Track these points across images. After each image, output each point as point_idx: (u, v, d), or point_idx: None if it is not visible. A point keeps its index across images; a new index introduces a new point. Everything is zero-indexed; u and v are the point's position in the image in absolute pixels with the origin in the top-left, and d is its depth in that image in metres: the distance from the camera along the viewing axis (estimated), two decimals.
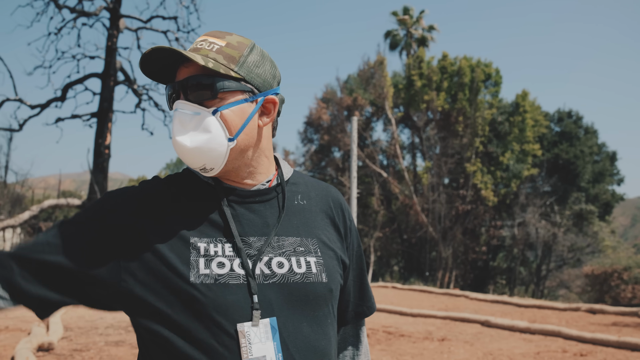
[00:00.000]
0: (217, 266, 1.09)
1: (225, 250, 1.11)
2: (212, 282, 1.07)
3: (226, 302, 1.06)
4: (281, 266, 1.14)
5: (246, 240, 1.14)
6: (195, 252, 1.09)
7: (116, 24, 21.62)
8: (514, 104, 26.18)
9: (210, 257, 1.10)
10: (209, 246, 1.11)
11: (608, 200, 28.38)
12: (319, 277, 1.18)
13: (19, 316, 10.18)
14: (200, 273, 1.07)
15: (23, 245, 1.08)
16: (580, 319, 11.08)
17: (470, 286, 25.46)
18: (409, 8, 32.90)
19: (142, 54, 1.11)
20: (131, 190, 1.16)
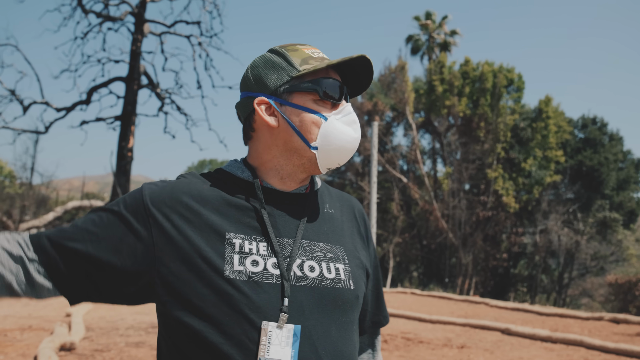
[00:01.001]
0: (252, 264, 1.12)
1: (259, 249, 1.14)
2: (245, 279, 1.10)
3: (258, 300, 1.09)
4: (312, 270, 1.17)
5: (280, 242, 1.17)
6: (230, 248, 1.12)
7: (141, 29, 21.93)
8: (537, 110, 25.88)
9: (245, 254, 1.13)
10: (244, 243, 1.14)
11: (633, 208, 27.86)
12: (347, 283, 1.22)
13: (42, 316, 10.36)
14: (234, 269, 1.10)
15: (61, 231, 1.11)
16: (603, 328, 10.89)
17: (491, 293, 25.18)
18: (432, 13, 32.79)
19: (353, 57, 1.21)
20: (169, 183, 1.19)
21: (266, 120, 1.20)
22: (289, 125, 1.20)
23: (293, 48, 1.24)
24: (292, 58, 1.22)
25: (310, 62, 1.22)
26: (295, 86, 1.20)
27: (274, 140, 1.22)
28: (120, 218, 1.13)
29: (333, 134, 1.20)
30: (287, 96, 1.21)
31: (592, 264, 25.54)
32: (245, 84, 1.26)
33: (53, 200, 29.20)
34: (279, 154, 1.23)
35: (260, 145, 1.25)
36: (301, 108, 1.20)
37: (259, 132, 1.24)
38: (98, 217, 1.14)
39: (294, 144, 1.21)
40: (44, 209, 24.67)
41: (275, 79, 1.21)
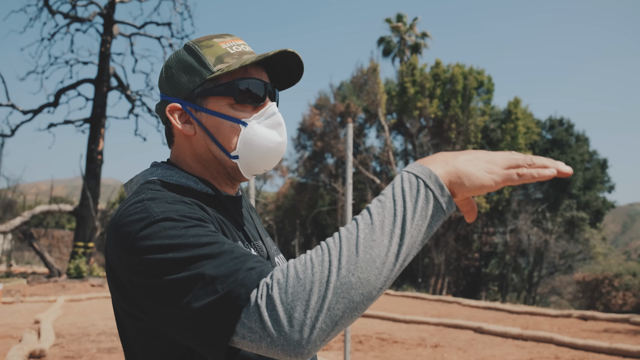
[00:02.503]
0: None
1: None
2: None
3: None
4: (279, 265, 1.21)
5: (258, 244, 1.17)
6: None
7: (110, 30, 21.59)
8: (506, 112, 26.34)
9: None
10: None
11: (599, 208, 28.55)
12: None
13: (10, 323, 10.10)
14: None
15: (230, 249, 0.91)
16: (572, 325, 11.14)
17: (463, 293, 25.50)
18: (403, 15, 33.10)
19: (278, 52, 1.09)
20: (182, 199, 1.03)
21: (180, 129, 1.11)
22: (206, 134, 1.11)
23: (208, 44, 1.12)
24: (206, 56, 1.10)
25: (226, 59, 1.10)
26: (209, 90, 1.09)
27: (195, 150, 1.13)
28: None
29: (254, 140, 1.10)
30: (202, 101, 1.10)
31: (561, 263, 26.09)
32: (160, 85, 1.15)
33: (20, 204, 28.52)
34: (206, 163, 1.14)
35: (186, 154, 1.15)
36: (216, 114, 1.10)
37: (178, 140, 1.15)
38: (216, 235, 0.95)
39: (214, 153, 1.12)
40: (10, 213, 24.08)
41: (187, 81, 1.10)
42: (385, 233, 0.83)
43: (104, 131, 21.32)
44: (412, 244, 0.85)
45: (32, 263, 29.73)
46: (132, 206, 0.96)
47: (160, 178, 1.10)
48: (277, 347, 0.80)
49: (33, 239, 19.95)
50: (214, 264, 0.85)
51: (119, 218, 0.96)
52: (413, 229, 0.85)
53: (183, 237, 0.89)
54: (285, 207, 30.38)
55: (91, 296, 14.88)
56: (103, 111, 21.30)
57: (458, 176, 0.89)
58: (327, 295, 0.79)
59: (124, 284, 0.93)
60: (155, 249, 0.88)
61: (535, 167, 0.90)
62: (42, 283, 17.39)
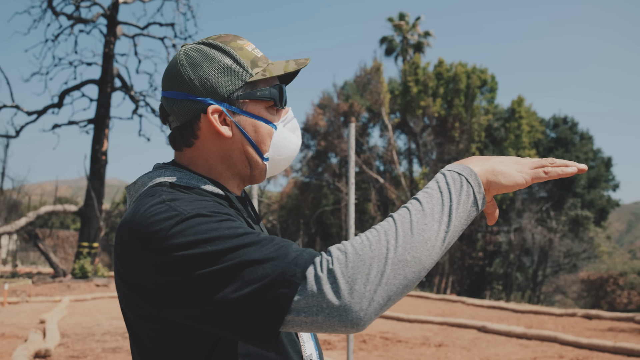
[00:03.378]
0: None
1: None
2: None
3: None
4: None
5: None
6: None
7: (113, 31, 21.65)
8: (510, 110, 26.29)
9: None
10: None
11: (604, 206, 28.48)
12: None
13: (15, 323, 10.16)
14: None
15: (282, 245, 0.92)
16: (576, 324, 11.12)
17: (467, 292, 25.48)
18: (405, 14, 33.07)
19: (293, 71, 1.17)
20: (202, 198, 1.03)
21: (220, 131, 1.09)
22: (244, 137, 1.12)
23: (237, 45, 1.13)
24: (242, 59, 1.11)
25: (259, 63, 1.13)
26: (250, 93, 1.11)
27: (226, 151, 1.13)
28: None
29: (282, 143, 1.16)
30: (241, 104, 1.11)
31: (565, 262, 26.03)
32: (182, 83, 1.10)
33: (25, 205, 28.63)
34: (232, 165, 1.14)
35: (210, 156, 1.13)
36: (257, 118, 1.12)
37: (205, 141, 1.12)
38: (252, 232, 0.94)
39: (248, 155, 1.13)
40: (15, 214, 24.19)
41: (227, 83, 1.10)
42: (435, 219, 0.91)
43: (108, 132, 21.39)
44: (454, 232, 0.93)
45: (37, 263, 29.86)
46: (154, 207, 0.95)
47: (169, 180, 1.09)
48: (335, 318, 0.83)
49: (38, 240, 20.04)
50: (258, 250, 0.87)
51: (140, 220, 0.94)
52: (456, 219, 0.93)
53: (219, 230, 0.89)
54: (289, 207, 30.40)
55: (96, 296, 14.94)
56: (107, 112, 21.36)
57: (494, 174, 1.01)
58: (386, 270, 0.84)
59: (147, 285, 0.92)
60: (192, 244, 0.88)
61: (558, 166, 1.03)
62: (47, 283, 17.46)
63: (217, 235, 0.88)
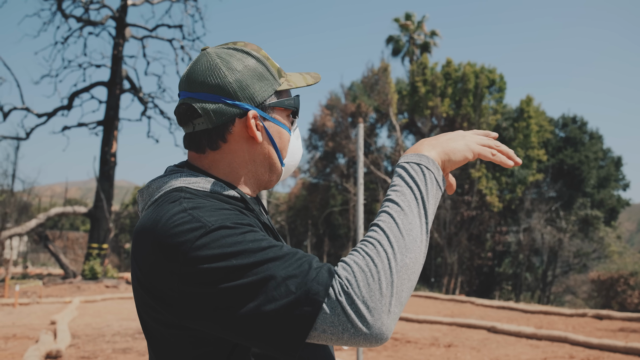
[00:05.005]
0: None
1: None
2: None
3: None
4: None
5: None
6: None
7: (122, 33, 21.76)
8: (519, 110, 26.18)
9: None
10: None
11: (614, 206, 28.29)
12: None
13: (27, 324, 10.23)
14: None
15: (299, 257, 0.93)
16: (587, 324, 11.05)
17: (476, 292, 25.38)
18: (411, 14, 33.02)
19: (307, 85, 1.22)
20: (223, 206, 1.02)
21: (255, 135, 1.12)
22: (270, 142, 1.16)
23: (264, 55, 1.17)
24: (272, 68, 1.16)
25: (283, 74, 1.18)
26: (280, 102, 1.16)
27: (252, 156, 1.15)
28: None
29: (294, 150, 1.22)
30: (270, 110, 1.15)
31: (575, 262, 25.88)
32: (219, 87, 1.09)
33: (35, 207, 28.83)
34: (254, 169, 1.17)
35: (235, 159, 1.14)
36: (281, 124, 1.17)
37: (234, 145, 1.13)
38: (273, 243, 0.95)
39: (271, 160, 1.18)
40: (25, 216, 24.36)
41: (261, 90, 1.13)
42: (415, 215, 0.96)
43: (117, 133, 21.50)
44: (431, 220, 0.99)
45: (47, 265, 30.06)
46: (177, 216, 0.95)
47: (185, 185, 1.07)
48: (359, 337, 0.86)
49: (48, 241, 20.17)
50: (281, 266, 0.89)
51: (163, 229, 0.94)
52: (430, 207, 0.99)
53: (243, 244, 0.90)
54: (297, 208, 30.42)
55: (106, 297, 15.02)
56: (116, 113, 21.48)
57: (446, 153, 1.08)
58: (394, 279, 0.88)
59: (170, 294, 0.92)
60: (218, 257, 0.89)
61: (502, 153, 1.12)
62: (58, 284, 17.58)
63: (242, 249, 0.89)
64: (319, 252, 29.80)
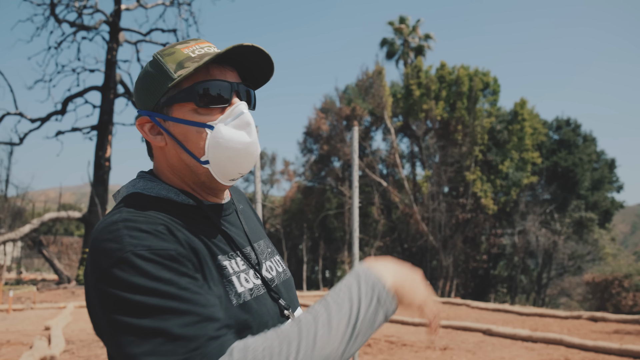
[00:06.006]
0: (245, 281, 1.08)
1: (239, 265, 1.09)
2: (249, 299, 1.05)
3: (267, 313, 1.07)
4: (272, 269, 1.20)
5: (245, 251, 1.14)
6: (226, 272, 1.05)
7: (116, 37, 21.73)
8: (513, 113, 26.27)
9: (237, 273, 1.07)
10: (231, 263, 1.08)
11: (608, 208, 28.40)
12: (288, 271, 1.29)
13: (20, 330, 10.17)
14: (238, 292, 1.04)
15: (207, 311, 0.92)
16: (582, 327, 11.07)
17: (471, 295, 25.41)
18: (405, 17, 33.10)
19: (240, 45, 1.06)
20: (156, 221, 0.99)
21: (152, 141, 1.10)
22: (175, 143, 1.08)
23: (170, 51, 1.10)
24: (167, 64, 1.08)
25: (187, 64, 1.07)
26: (172, 97, 1.07)
27: (169, 160, 1.11)
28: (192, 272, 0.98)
29: (222, 143, 1.06)
30: (167, 110, 1.07)
31: (570, 264, 25.95)
32: (134, 101, 1.15)
33: (29, 212, 28.70)
34: (181, 173, 1.12)
35: (163, 166, 1.13)
36: (182, 122, 1.07)
37: (156, 152, 1.14)
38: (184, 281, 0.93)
39: (185, 161, 1.09)
40: (19, 221, 24.23)
41: (153, 92, 1.08)
42: (339, 334, 0.91)
43: (111, 138, 21.44)
44: (356, 346, 0.94)
45: (41, 270, 29.90)
46: (108, 228, 0.95)
47: (141, 191, 1.09)
48: None
49: (42, 246, 20.07)
50: (178, 323, 0.86)
51: (96, 238, 0.95)
52: (360, 334, 0.94)
53: (152, 281, 0.88)
54: (293, 211, 30.40)
55: None
56: (110, 118, 21.42)
57: (403, 288, 1.02)
58: None
59: (96, 306, 0.93)
60: (124, 286, 0.88)
61: (434, 325, 1.09)
62: (52, 290, 17.49)
63: (149, 287, 0.88)
64: (314, 256, 29.78)
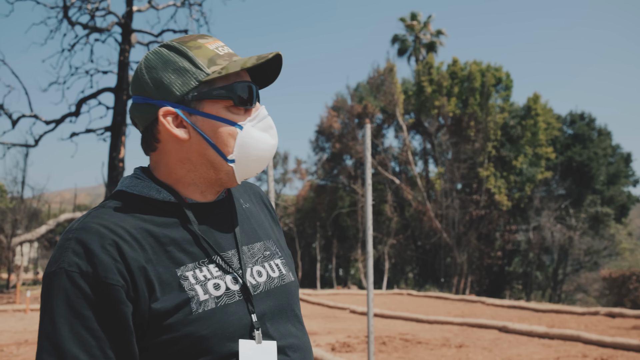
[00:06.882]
0: (214, 288, 1.05)
1: (212, 272, 1.07)
2: (213, 307, 1.02)
3: (234, 323, 1.04)
4: (260, 275, 1.13)
5: (226, 256, 1.10)
6: (187, 283, 1.02)
7: (128, 39, 21.88)
8: (526, 108, 26.06)
9: (203, 281, 1.04)
10: (196, 272, 1.05)
11: (624, 202, 28.08)
12: (289, 276, 1.19)
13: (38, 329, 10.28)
14: (200, 300, 1.01)
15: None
16: (599, 323, 10.96)
17: (487, 292, 25.27)
18: (417, 13, 32.95)
19: (263, 57, 1.08)
20: (111, 234, 1.00)
21: (175, 134, 1.06)
22: (202, 138, 1.07)
23: (195, 44, 1.09)
24: (197, 58, 1.07)
25: (218, 61, 1.08)
26: (206, 93, 1.06)
27: (186, 154, 1.09)
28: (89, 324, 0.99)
29: (250, 143, 1.09)
30: (197, 104, 1.07)
31: (586, 259, 25.70)
32: (140, 88, 1.09)
33: (45, 213, 29.01)
34: (193, 168, 1.10)
35: (170, 160, 1.11)
36: (214, 118, 1.07)
37: (166, 145, 1.10)
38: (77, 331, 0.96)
39: (209, 157, 1.09)
40: (36, 222, 24.50)
41: (181, 84, 1.06)
42: None
43: (124, 139, 21.59)
44: None
45: None
46: (66, 234, 1.01)
47: (126, 189, 1.11)
48: None
49: None
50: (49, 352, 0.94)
51: (60, 238, 1.03)
52: None
53: (59, 308, 0.95)
54: (305, 210, 30.43)
55: None
56: (123, 119, 21.58)
57: None
58: None
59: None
60: (42, 297, 0.98)
61: None
62: None
63: (52, 312, 0.96)
64: (328, 254, 29.79)
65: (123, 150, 21.44)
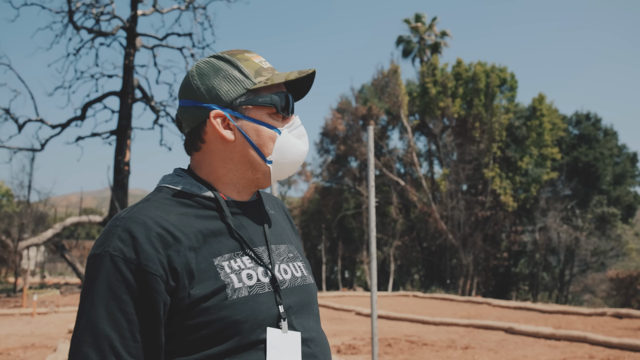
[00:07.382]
0: (248, 278, 1.14)
1: (245, 263, 1.16)
2: (246, 295, 1.11)
3: (264, 311, 1.12)
4: (286, 272, 1.23)
5: (258, 251, 1.20)
6: (223, 272, 1.11)
7: (133, 43, 21.96)
8: (531, 108, 25.97)
9: (238, 270, 1.14)
10: (230, 262, 1.14)
11: (630, 202, 27.92)
12: (309, 278, 1.30)
13: (45, 333, 10.32)
14: (235, 287, 1.10)
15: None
16: (606, 324, 10.90)
17: (493, 293, 25.17)
18: (421, 15, 32.94)
19: (300, 75, 1.22)
20: (155, 226, 1.08)
21: (222, 134, 1.18)
22: (246, 140, 1.20)
23: (243, 57, 1.23)
24: (246, 69, 1.21)
25: (264, 73, 1.22)
26: (252, 100, 1.20)
27: (229, 154, 1.21)
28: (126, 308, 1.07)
29: (287, 147, 1.22)
30: (243, 109, 1.20)
31: (593, 260, 25.56)
32: (191, 92, 1.21)
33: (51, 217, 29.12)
34: (234, 168, 1.22)
35: (214, 159, 1.22)
36: (258, 122, 1.20)
37: (211, 145, 1.21)
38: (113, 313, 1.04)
39: (250, 158, 1.21)
40: (42, 226, 24.59)
41: (230, 90, 1.19)
42: None
43: (130, 142, 21.68)
44: None
45: (64, 274, 30.33)
46: (113, 221, 1.10)
47: (168, 184, 1.22)
48: None
49: (65, 250, 20.36)
50: (88, 331, 1.02)
51: (106, 225, 1.12)
52: None
53: (99, 289, 1.03)
54: (311, 212, 30.42)
55: None
56: (128, 123, 21.66)
57: None
58: None
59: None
60: (86, 275, 1.07)
61: None
62: (75, 293, 17.73)
63: (93, 291, 1.04)
64: (333, 256, 29.77)
65: (128, 154, 21.51)
